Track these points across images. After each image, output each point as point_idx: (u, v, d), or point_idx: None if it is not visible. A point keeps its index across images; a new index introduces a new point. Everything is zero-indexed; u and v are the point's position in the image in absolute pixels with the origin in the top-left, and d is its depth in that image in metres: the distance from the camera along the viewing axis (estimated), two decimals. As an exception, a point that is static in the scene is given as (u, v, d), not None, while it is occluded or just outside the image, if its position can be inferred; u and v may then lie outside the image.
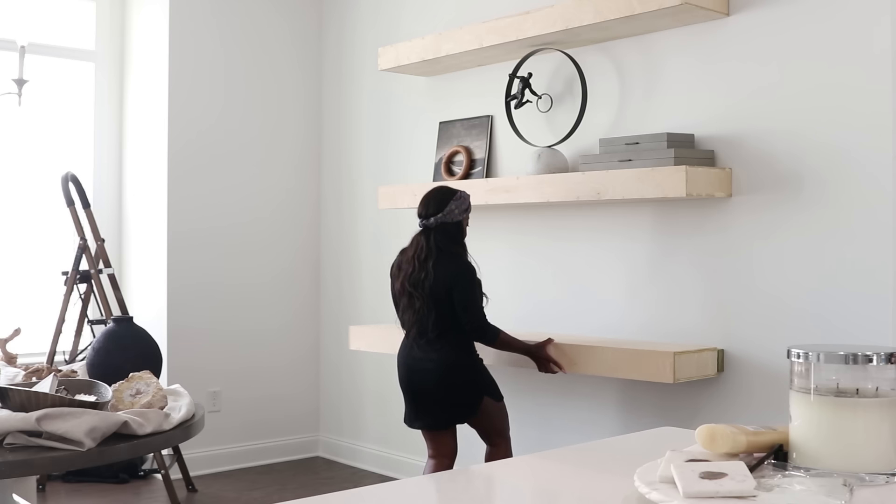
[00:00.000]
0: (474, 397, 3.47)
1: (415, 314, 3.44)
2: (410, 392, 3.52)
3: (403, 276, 3.47)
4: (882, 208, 3.11)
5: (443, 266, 3.41)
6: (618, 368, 3.46)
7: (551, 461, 1.63)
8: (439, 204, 3.46)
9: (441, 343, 3.43)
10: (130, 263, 5.21)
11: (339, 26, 5.37)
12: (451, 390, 3.44)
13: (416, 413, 3.53)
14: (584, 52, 4.00)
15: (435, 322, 3.41)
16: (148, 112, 5.07)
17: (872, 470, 1.25)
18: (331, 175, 5.44)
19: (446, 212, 3.45)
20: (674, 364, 3.29)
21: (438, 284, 3.39)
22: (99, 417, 2.18)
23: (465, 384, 3.46)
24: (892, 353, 1.27)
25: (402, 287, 3.48)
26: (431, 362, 3.43)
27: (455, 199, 3.47)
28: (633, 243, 3.84)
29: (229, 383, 5.13)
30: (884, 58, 3.10)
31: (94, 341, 2.96)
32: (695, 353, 3.41)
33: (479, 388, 3.49)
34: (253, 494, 4.62)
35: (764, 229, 3.42)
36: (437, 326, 3.41)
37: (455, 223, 3.48)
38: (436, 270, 3.39)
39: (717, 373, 3.49)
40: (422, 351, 3.45)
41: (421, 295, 3.40)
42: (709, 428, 1.35)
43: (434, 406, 3.48)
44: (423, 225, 3.49)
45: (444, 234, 3.46)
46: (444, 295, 3.40)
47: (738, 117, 3.50)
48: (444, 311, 3.41)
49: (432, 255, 3.42)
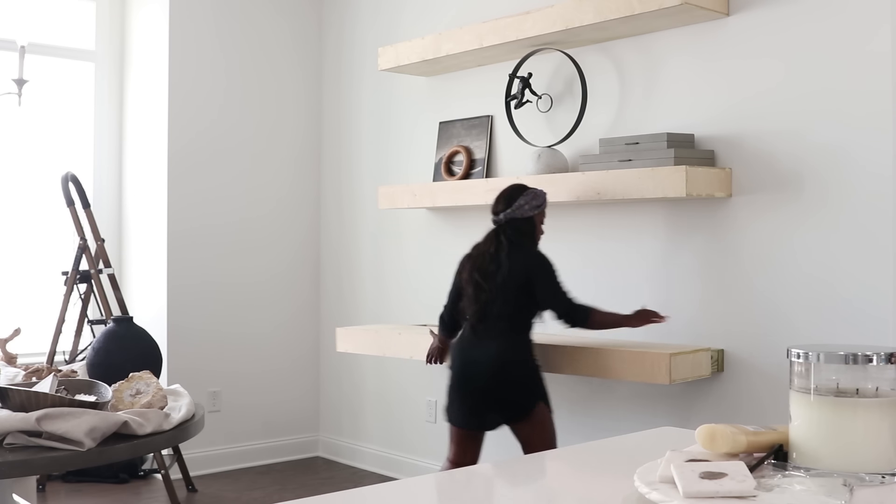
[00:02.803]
0: (528, 398, 3.36)
1: (480, 306, 3.37)
2: (461, 385, 3.42)
3: (471, 267, 3.43)
4: (882, 208, 3.11)
5: (516, 259, 3.36)
6: (614, 370, 3.45)
7: (551, 461, 1.63)
8: (508, 200, 3.43)
9: (502, 338, 3.35)
10: (130, 263, 5.21)
11: (339, 26, 5.37)
12: (504, 386, 3.34)
13: (462, 408, 3.42)
14: (584, 52, 4.00)
15: (499, 315, 3.35)
16: (148, 112, 5.07)
17: (872, 470, 1.25)
18: (331, 175, 5.44)
19: (515, 207, 3.41)
20: (669, 365, 3.28)
21: (512, 277, 3.34)
22: (99, 417, 2.18)
23: (520, 382, 3.36)
24: (892, 353, 1.27)
25: (469, 278, 3.42)
26: (487, 354, 3.34)
27: (525, 195, 3.43)
28: (632, 243, 3.84)
29: (229, 383, 5.13)
30: (883, 58, 3.10)
31: (94, 341, 2.96)
32: (690, 353, 3.40)
33: (533, 389, 3.38)
34: (253, 494, 4.62)
35: (764, 229, 3.42)
36: (502, 319, 3.35)
37: (525, 219, 3.42)
38: (509, 262, 3.35)
39: (711, 373, 3.48)
40: (480, 343, 3.37)
41: (491, 287, 3.35)
42: (709, 428, 1.35)
43: (482, 403, 3.37)
44: (494, 221, 3.46)
45: (514, 229, 3.41)
46: (516, 288, 3.34)
47: (738, 117, 3.50)
48: (511, 305, 3.35)
49: (503, 249, 3.37)
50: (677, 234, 3.70)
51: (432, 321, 4.66)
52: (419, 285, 4.83)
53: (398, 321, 4.90)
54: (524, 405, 3.36)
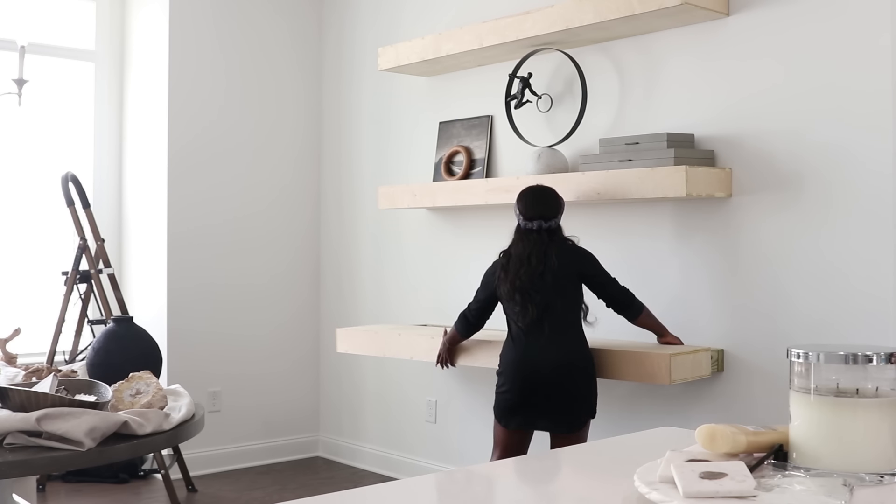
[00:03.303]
0: (582, 413, 3.36)
1: (536, 309, 3.33)
2: (527, 388, 3.36)
3: (513, 276, 3.37)
4: (882, 208, 3.11)
5: (563, 257, 3.36)
6: (614, 370, 3.44)
7: (551, 461, 1.63)
8: (546, 207, 3.42)
9: (565, 335, 3.35)
10: (130, 263, 5.21)
11: (339, 26, 5.37)
12: (566, 395, 3.32)
13: (527, 410, 3.37)
14: (584, 52, 4.00)
15: (555, 314, 3.33)
16: (148, 112, 5.07)
17: (872, 470, 1.25)
18: (331, 175, 5.44)
19: (560, 219, 3.44)
20: (670, 365, 3.28)
21: (564, 272, 3.34)
22: (99, 417, 2.18)
23: (584, 382, 3.35)
24: (892, 353, 1.27)
25: (511, 286, 3.38)
26: (553, 354, 3.32)
27: (561, 204, 3.46)
28: (633, 244, 3.84)
29: (229, 383, 5.13)
30: (884, 57, 3.10)
31: (94, 341, 2.96)
32: (690, 353, 3.40)
33: (589, 405, 3.38)
34: (253, 494, 4.62)
35: (764, 229, 3.42)
36: (558, 318, 3.34)
37: (560, 225, 3.46)
38: (558, 261, 3.34)
39: (711, 373, 3.49)
40: (546, 344, 3.33)
41: (542, 288, 3.33)
42: (709, 428, 1.35)
43: (549, 401, 3.33)
44: (539, 227, 3.40)
45: (557, 234, 3.43)
46: (570, 284, 3.36)
47: (738, 117, 3.50)
48: (570, 302, 3.37)
49: (551, 249, 3.36)
50: (677, 235, 3.70)
51: (433, 321, 4.66)
52: (419, 285, 4.83)
53: (398, 321, 4.90)
54: (577, 420, 3.36)
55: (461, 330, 3.72)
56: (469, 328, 3.70)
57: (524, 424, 3.43)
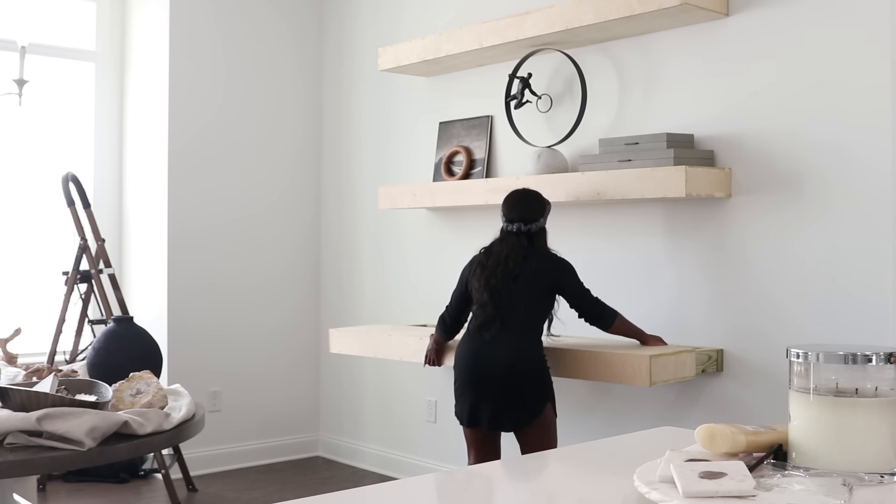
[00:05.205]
0: (538, 397, 3.36)
1: (496, 309, 3.36)
2: (475, 385, 3.39)
3: (489, 272, 3.40)
4: (882, 208, 3.11)
5: (539, 263, 3.38)
6: (593, 372, 3.41)
7: (551, 461, 1.63)
8: (528, 210, 3.44)
9: (514, 339, 3.35)
10: (130, 263, 5.21)
11: (339, 26, 5.37)
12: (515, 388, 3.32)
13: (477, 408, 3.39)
14: (584, 53, 4.00)
15: (516, 317, 3.35)
16: (148, 112, 5.07)
17: (871, 469, 1.25)
18: (331, 175, 5.44)
19: (542, 221, 3.45)
20: (650, 367, 3.23)
21: (537, 280, 3.35)
22: (99, 417, 2.18)
23: (529, 383, 3.35)
24: (892, 353, 1.28)
25: (485, 282, 3.40)
26: (500, 354, 3.33)
27: (546, 208, 3.49)
28: (632, 244, 3.85)
29: (229, 383, 5.13)
30: (883, 57, 3.10)
31: (95, 341, 2.96)
32: (672, 355, 3.33)
33: (543, 391, 3.37)
34: (253, 494, 4.62)
35: (764, 229, 3.42)
36: (517, 322, 3.35)
37: (544, 228, 3.48)
38: (533, 266, 3.36)
39: (695, 374, 3.43)
40: (492, 344, 3.36)
41: (512, 290, 3.35)
42: (708, 428, 1.36)
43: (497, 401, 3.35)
44: (518, 229, 3.43)
45: (539, 237, 3.45)
46: (539, 291, 3.36)
47: (737, 117, 3.50)
48: (531, 308, 3.37)
49: (531, 254, 3.38)
50: (677, 235, 3.70)
51: (433, 321, 4.66)
52: (419, 285, 4.83)
53: (398, 321, 4.91)
54: (533, 407, 3.35)
55: (441, 333, 3.73)
56: (447, 330, 3.70)
57: (480, 422, 3.41)
